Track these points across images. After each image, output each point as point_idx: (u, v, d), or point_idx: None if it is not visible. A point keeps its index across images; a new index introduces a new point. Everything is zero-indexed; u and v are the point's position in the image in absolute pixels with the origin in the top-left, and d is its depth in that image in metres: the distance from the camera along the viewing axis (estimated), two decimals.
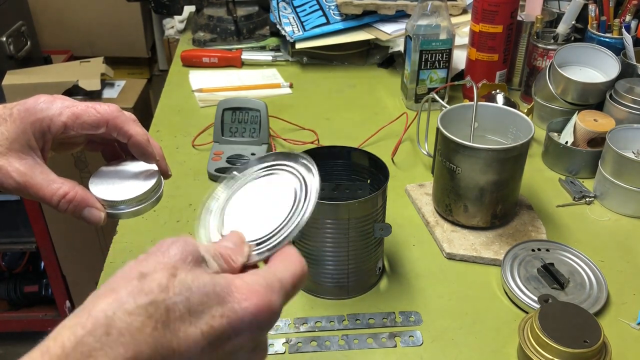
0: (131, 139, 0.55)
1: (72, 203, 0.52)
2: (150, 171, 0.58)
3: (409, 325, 0.70)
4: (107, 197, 0.54)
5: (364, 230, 0.70)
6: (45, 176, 0.52)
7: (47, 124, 0.52)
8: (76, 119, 0.52)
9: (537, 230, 0.84)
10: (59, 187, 0.52)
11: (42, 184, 0.52)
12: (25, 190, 0.52)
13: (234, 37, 1.44)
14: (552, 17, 1.23)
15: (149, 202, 0.56)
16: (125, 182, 0.56)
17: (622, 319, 0.71)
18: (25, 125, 0.51)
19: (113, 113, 0.54)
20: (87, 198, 0.53)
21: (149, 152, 0.57)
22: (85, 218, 0.53)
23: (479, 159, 0.77)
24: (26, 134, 0.51)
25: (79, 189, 0.53)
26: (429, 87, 1.15)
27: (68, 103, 0.53)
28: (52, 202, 0.52)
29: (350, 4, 1.31)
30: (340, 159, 0.78)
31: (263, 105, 1.01)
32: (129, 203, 0.55)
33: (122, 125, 0.54)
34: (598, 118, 0.97)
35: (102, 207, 0.54)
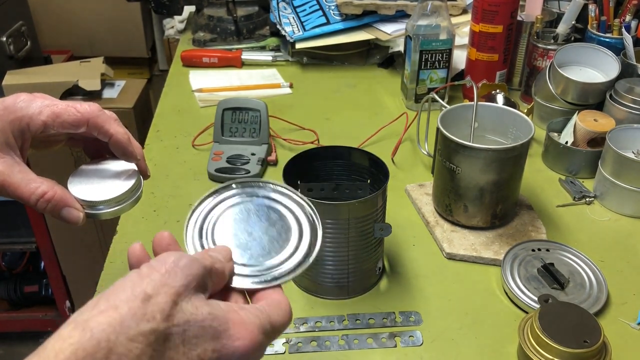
0: (112, 138, 0.54)
1: (50, 203, 0.52)
2: (130, 171, 0.57)
3: (409, 325, 0.70)
4: (86, 197, 0.54)
5: (364, 230, 0.70)
6: (23, 175, 0.51)
7: (26, 123, 0.51)
8: (56, 118, 0.52)
9: (537, 230, 0.84)
10: (38, 187, 0.51)
11: (20, 183, 0.51)
12: (3, 189, 0.51)
13: (234, 37, 1.44)
14: (552, 17, 1.23)
15: (127, 202, 0.56)
16: (105, 182, 0.56)
17: (622, 319, 0.71)
18: (4, 124, 0.51)
19: (93, 112, 0.53)
20: (66, 198, 0.53)
21: (130, 151, 0.56)
22: (63, 218, 0.53)
23: (479, 159, 0.77)
24: (5, 133, 0.51)
25: (58, 189, 0.52)
26: (429, 87, 1.15)
27: (48, 102, 0.53)
28: (30, 201, 0.51)
29: (350, 4, 1.31)
30: (340, 159, 0.78)
31: (263, 105, 1.01)
32: (108, 203, 0.55)
33: (103, 125, 0.54)
34: (598, 118, 0.97)
35: (81, 207, 0.54)
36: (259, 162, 0.98)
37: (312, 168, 0.77)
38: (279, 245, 0.45)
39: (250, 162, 0.98)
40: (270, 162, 1.01)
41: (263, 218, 0.47)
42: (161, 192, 0.94)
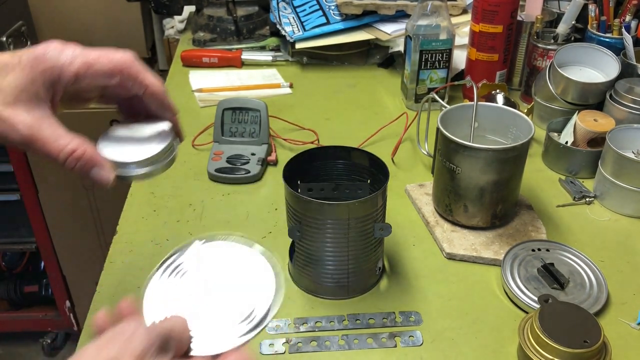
0: (147, 90, 0.51)
1: (79, 161, 0.49)
2: (165, 132, 0.54)
3: (409, 325, 0.70)
4: (116, 158, 0.50)
5: (364, 230, 0.70)
6: (53, 130, 0.48)
7: (58, 73, 0.48)
8: (88, 68, 0.49)
9: (537, 230, 0.84)
10: (67, 143, 0.48)
11: (49, 139, 0.48)
12: (32, 145, 0.48)
13: (234, 37, 1.44)
14: (552, 17, 1.23)
15: (160, 164, 0.52)
16: (137, 143, 0.52)
17: (622, 319, 0.71)
18: (35, 75, 0.48)
19: (128, 61, 0.50)
20: (96, 157, 0.49)
21: (167, 104, 0.53)
22: (93, 178, 0.50)
23: (479, 159, 0.77)
24: (35, 84, 0.48)
25: (88, 147, 0.49)
26: (429, 87, 1.15)
27: (80, 51, 0.49)
28: (59, 158, 0.48)
29: (350, 4, 1.31)
30: (340, 159, 0.78)
31: (263, 105, 1.01)
32: (139, 164, 0.51)
33: (138, 75, 0.50)
34: (598, 118, 0.97)
35: (111, 168, 0.50)
36: (259, 162, 0.98)
37: (312, 168, 0.77)
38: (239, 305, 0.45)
39: (250, 162, 0.98)
40: (270, 162, 1.01)
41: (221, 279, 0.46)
42: (161, 192, 0.94)
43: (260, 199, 0.93)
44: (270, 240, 0.84)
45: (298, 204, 0.69)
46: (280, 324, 0.70)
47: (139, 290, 0.75)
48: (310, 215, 0.68)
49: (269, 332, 0.69)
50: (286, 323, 0.70)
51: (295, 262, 0.75)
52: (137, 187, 0.95)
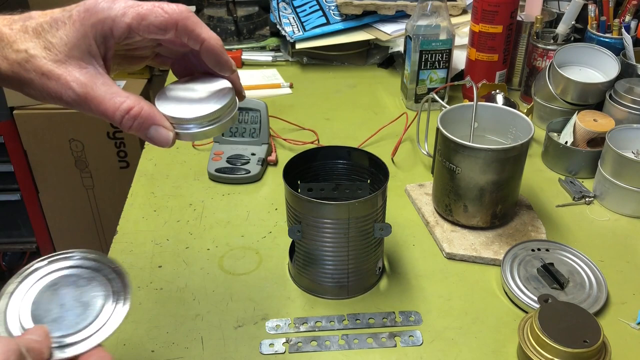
0: (204, 44, 0.48)
1: (137, 120, 0.46)
2: (225, 89, 0.51)
3: (409, 325, 0.70)
4: (176, 115, 0.48)
5: (364, 230, 0.70)
6: (107, 88, 0.46)
7: (110, 26, 0.46)
8: (141, 20, 0.46)
9: (537, 230, 0.84)
10: (123, 101, 0.46)
11: (104, 97, 0.46)
12: (85, 104, 0.46)
13: (234, 38, 1.44)
14: (552, 17, 1.23)
15: (221, 122, 0.50)
16: (196, 100, 0.50)
17: (622, 318, 0.71)
18: (86, 29, 0.45)
19: (182, 13, 0.47)
20: (154, 115, 0.47)
21: (224, 59, 0.50)
22: (151, 138, 0.47)
23: (479, 159, 0.78)
24: (87, 39, 0.45)
25: (145, 105, 0.47)
26: (429, 87, 1.15)
27: (132, 2, 0.47)
28: (115, 118, 0.46)
29: (350, 4, 1.31)
30: (340, 159, 0.78)
31: (263, 105, 1.01)
32: (200, 121, 0.48)
33: (194, 28, 0.48)
34: (598, 118, 0.97)
35: (171, 126, 0.48)
36: (259, 162, 0.98)
37: (312, 168, 0.78)
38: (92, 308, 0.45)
39: (250, 162, 0.98)
40: (270, 162, 1.01)
41: (72, 287, 0.46)
42: (161, 192, 0.94)
43: (260, 199, 0.93)
44: (270, 240, 0.84)
45: (298, 204, 0.69)
46: (280, 323, 0.70)
47: (138, 289, 0.75)
48: (310, 215, 0.69)
49: (269, 332, 0.69)
50: (286, 323, 0.71)
51: (295, 262, 0.75)
52: (137, 187, 0.95)
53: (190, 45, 0.49)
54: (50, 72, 0.45)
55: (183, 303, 0.73)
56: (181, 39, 0.48)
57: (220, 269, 0.79)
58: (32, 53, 0.45)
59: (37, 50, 0.45)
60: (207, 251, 0.82)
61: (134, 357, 0.66)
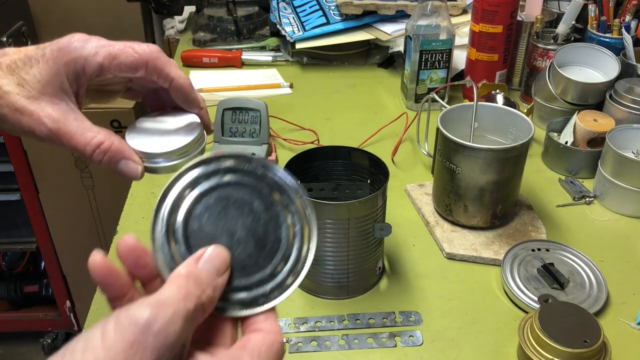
0: (173, 83, 0.50)
1: (107, 154, 0.48)
2: (193, 124, 0.52)
3: (409, 325, 0.70)
4: (145, 149, 0.49)
5: (364, 230, 0.70)
6: (79, 123, 0.47)
7: (82, 65, 0.47)
8: (113, 60, 0.48)
9: (537, 230, 0.84)
10: (94, 136, 0.47)
11: (76, 132, 0.47)
12: (58, 139, 0.47)
13: (234, 37, 1.44)
14: (552, 17, 1.23)
15: (189, 155, 0.51)
16: (165, 135, 0.51)
17: (622, 319, 0.71)
18: (59, 67, 0.47)
19: (153, 54, 0.49)
20: (124, 149, 0.48)
21: (192, 97, 0.51)
22: (121, 172, 0.48)
23: (479, 159, 0.77)
24: (59, 76, 0.47)
25: (115, 139, 0.48)
26: (429, 87, 1.15)
27: (104, 42, 0.48)
28: (86, 152, 0.47)
29: (350, 4, 1.31)
30: (340, 159, 0.78)
31: (263, 105, 1.01)
32: (169, 156, 0.49)
33: (163, 67, 0.49)
34: (598, 118, 0.97)
35: (140, 160, 0.49)
36: None
37: (312, 168, 0.78)
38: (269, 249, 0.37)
39: None
40: None
41: (246, 211, 0.37)
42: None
43: None
44: None
45: None
46: (280, 323, 0.70)
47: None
48: None
49: None
50: (286, 323, 0.70)
51: None
52: (137, 187, 0.95)
53: (159, 83, 0.50)
54: (23, 108, 0.46)
55: None
56: (151, 77, 0.50)
57: None
58: (5, 89, 0.46)
59: (11, 86, 0.46)
60: None
61: None
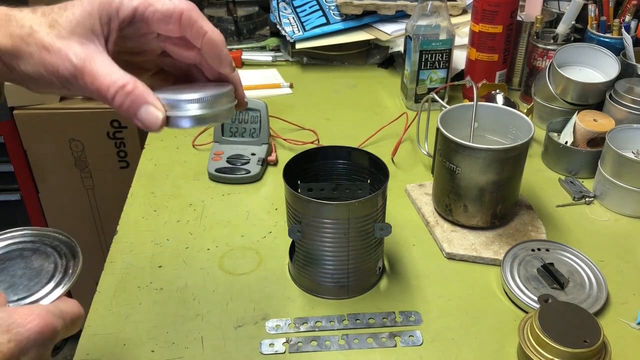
0: (206, 36, 0.49)
1: (129, 97, 0.46)
2: (225, 84, 0.51)
3: (409, 325, 0.70)
4: (170, 96, 0.47)
5: (364, 230, 0.70)
6: (106, 65, 0.46)
7: (116, 7, 0.47)
8: (148, 6, 0.47)
9: (537, 230, 0.84)
10: (118, 78, 0.46)
11: (101, 72, 0.45)
12: (81, 77, 0.45)
13: (234, 37, 1.44)
14: (552, 17, 1.23)
15: (217, 109, 0.48)
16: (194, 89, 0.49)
17: (622, 318, 0.71)
18: (93, 7, 0.46)
19: (189, 5, 0.48)
20: (147, 94, 0.46)
21: (225, 54, 0.50)
22: (141, 119, 0.46)
23: (479, 159, 0.77)
24: (92, 17, 0.46)
25: (140, 84, 0.46)
26: (429, 87, 1.15)
27: None
28: (109, 94, 0.46)
29: (350, 4, 1.31)
30: (340, 159, 0.78)
31: (263, 105, 1.01)
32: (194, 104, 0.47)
33: (197, 19, 0.48)
34: (598, 118, 0.97)
35: (162, 108, 0.47)
36: (259, 162, 0.98)
37: (312, 168, 0.78)
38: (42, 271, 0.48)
39: (250, 162, 0.98)
40: (270, 162, 1.01)
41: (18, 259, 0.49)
42: (161, 192, 0.94)
43: (260, 199, 0.93)
44: (270, 240, 0.84)
45: (298, 204, 0.69)
46: (280, 323, 0.70)
47: (139, 289, 0.75)
48: (310, 215, 0.69)
49: (269, 332, 0.69)
50: (286, 323, 0.71)
51: (295, 262, 0.75)
52: (137, 187, 0.95)
53: (191, 39, 0.49)
54: (51, 45, 0.45)
55: (183, 303, 0.73)
56: (184, 31, 0.49)
57: (220, 269, 0.79)
58: (36, 28, 0.45)
59: (42, 26, 0.46)
60: (207, 251, 0.82)
61: (134, 357, 0.66)
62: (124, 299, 0.74)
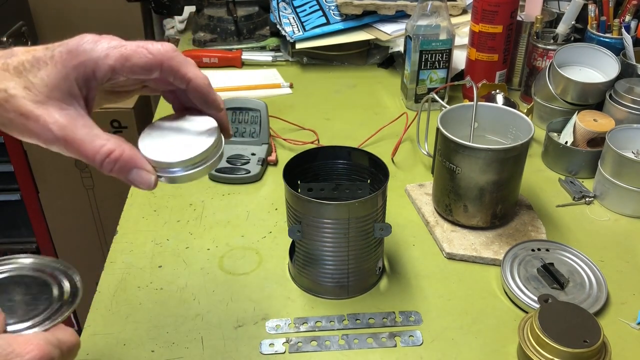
0: (190, 83, 0.48)
1: (117, 163, 0.45)
2: (211, 128, 0.50)
3: (409, 325, 0.70)
4: (158, 158, 0.47)
5: (364, 230, 0.70)
6: (88, 130, 0.45)
7: (92, 69, 0.45)
8: (125, 62, 0.45)
9: (537, 230, 0.84)
10: (103, 144, 0.45)
11: (85, 140, 0.44)
12: (65, 146, 0.45)
13: (234, 38, 1.44)
14: (552, 17, 1.23)
15: (206, 164, 0.49)
16: (180, 141, 0.49)
17: (622, 318, 0.71)
18: (68, 70, 0.44)
19: (167, 53, 0.46)
20: (135, 158, 0.46)
21: (212, 98, 0.49)
22: (133, 181, 0.46)
23: (479, 159, 0.77)
24: (68, 80, 0.44)
25: (126, 147, 0.46)
26: (429, 87, 1.15)
27: (115, 43, 0.45)
28: (95, 161, 0.45)
29: (350, 4, 1.31)
30: (340, 159, 0.78)
31: (263, 105, 1.01)
32: (183, 165, 0.47)
33: (179, 68, 0.47)
34: (598, 118, 0.97)
35: (153, 169, 0.47)
36: (259, 162, 0.98)
37: (312, 168, 0.78)
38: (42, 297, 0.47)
39: (250, 162, 0.98)
40: (270, 162, 1.01)
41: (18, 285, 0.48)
42: (161, 192, 0.94)
43: (260, 199, 0.93)
44: (270, 240, 0.84)
45: (298, 204, 0.69)
46: (280, 323, 0.70)
47: (138, 289, 0.75)
48: (310, 215, 0.69)
49: (269, 332, 0.69)
50: (286, 323, 0.71)
51: (295, 262, 0.75)
52: None
53: (176, 84, 0.48)
54: (29, 113, 0.44)
55: (183, 303, 0.73)
56: (167, 78, 0.47)
57: (220, 269, 0.79)
58: (12, 93, 0.44)
59: (18, 90, 0.44)
60: (207, 251, 0.82)
61: (134, 357, 0.66)
62: (124, 299, 0.74)
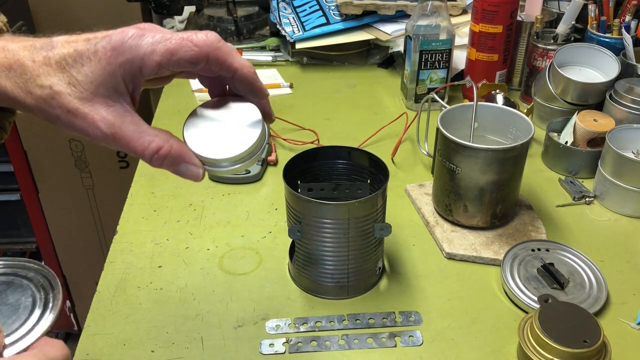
0: (237, 73, 0.48)
1: (166, 159, 0.46)
2: (254, 118, 0.51)
3: (409, 325, 0.70)
4: (206, 154, 0.48)
5: (364, 230, 0.70)
6: (136, 127, 0.45)
7: (139, 66, 0.44)
8: (171, 56, 0.45)
9: (537, 230, 0.84)
10: (152, 141, 0.45)
11: (133, 136, 0.45)
12: (114, 143, 0.45)
13: (234, 37, 1.44)
14: (552, 17, 1.23)
15: (251, 158, 0.49)
16: (227, 134, 0.49)
17: (622, 318, 0.71)
18: (114, 68, 0.44)
19: (213, 44, 0.46)
20: (184, 153, 0.47)
21: (258, 87, 0.50)
22: (181, 174, 0.47)
23: (479, 159, 0.77)
24: (114, 78, 0.44)
25: (174, 143, 0.46)
26: (429, 87, 1.15)
27: (159, 36, 0.45)
28: (144, 157, 0.46)
29: (350, 4, 1.31)
30: (340, 159, 0.78)
31: None
32: (230, 161, 0.49)
33: (225, 58, 0.47)
34: (598, 118, 0.97)
35: (200, 164, 0.48)
36: (259, 162, 0.98)
37: (312, 168, 0.78)
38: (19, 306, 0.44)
39: None
40: (270, 162, 1.01)
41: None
42: (161, 192, 0.94)
43: (260, 199, 0.93)
44: (270, 240, 0.84)
45: (298, 204, 0.69)
46: (280, 323, 0.70)
47: (138, 289, 0.75)
48: (310, 215, 0.69)
49: (269, 332, 0.69)
50: (286, 323, 0.71)
51: (295, 262, 0.75)
52: (137, 187, 0.95)
53: (222, 74, 0.49)
54: (76, 110, 0.44)
55: (183, 303, 0.73)
56: (213, 69, 0.48)
57: (220, 269, 0.79)
58: (56, 90, 0.43)
59: (62, 86, 0.44)
60: (207, 251, 0.82)
61: (133, 357, 0.66)
62: (124, 299, 0.74)
